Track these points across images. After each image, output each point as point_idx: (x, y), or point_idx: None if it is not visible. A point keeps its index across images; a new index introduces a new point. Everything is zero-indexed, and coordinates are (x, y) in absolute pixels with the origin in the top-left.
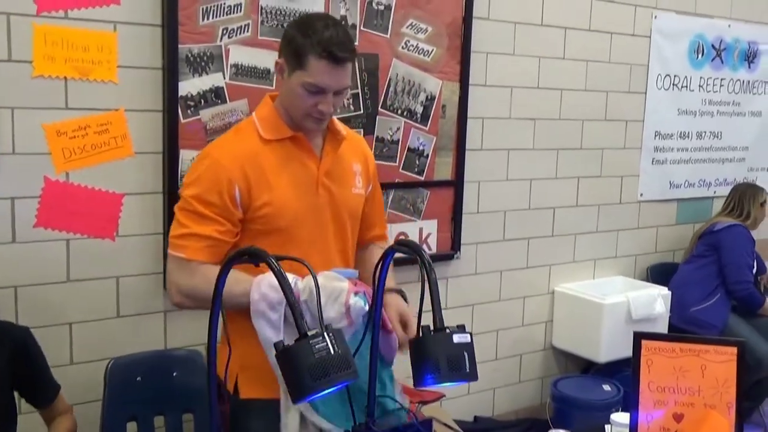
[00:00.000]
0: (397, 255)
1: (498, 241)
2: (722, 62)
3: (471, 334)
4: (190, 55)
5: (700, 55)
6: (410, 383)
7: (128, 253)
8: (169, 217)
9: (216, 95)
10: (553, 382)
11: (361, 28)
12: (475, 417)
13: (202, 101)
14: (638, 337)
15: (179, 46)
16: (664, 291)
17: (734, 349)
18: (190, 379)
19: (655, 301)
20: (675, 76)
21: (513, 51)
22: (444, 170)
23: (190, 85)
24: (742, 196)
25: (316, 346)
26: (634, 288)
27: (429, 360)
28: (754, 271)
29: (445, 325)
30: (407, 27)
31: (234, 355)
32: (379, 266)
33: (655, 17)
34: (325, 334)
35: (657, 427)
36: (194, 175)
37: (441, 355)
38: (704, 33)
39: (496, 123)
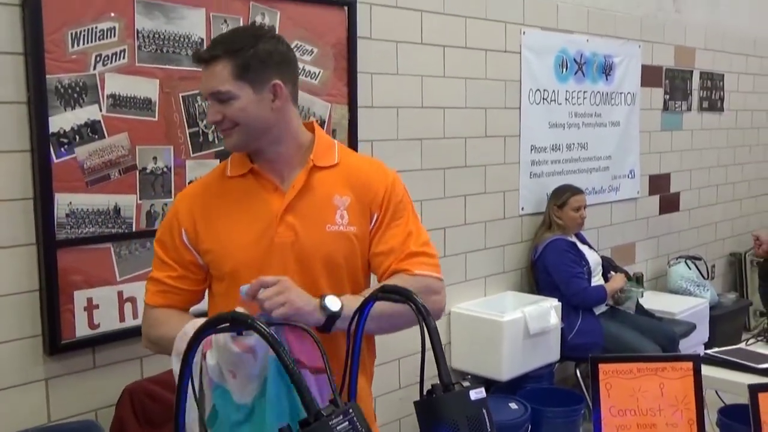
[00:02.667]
0: None
1: None
2: (584, 75)
3: (484, 387)
4: (59, 86)
5: (564, 69)
6: None
7: None
8: (46, 272)
9: (92, 130)
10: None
11: None
12: None
13: (77, 137)
14: (595, 362)
15: (47, 76)
16: (554, 302)
17: (690, 364)
18: None
19: (548, 314)
20: (544, 90)
21: (396, 71)
22: None
23: (61, 120)
24: (547, 203)
25: (338, 428)
26: (526, 302)
27: (446, 424)
28: (591, 268)
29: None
30: (293, 49)
31: None
32: (356, 318)
33: (524, 33)
34: (344, 411)
35: None
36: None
37: (459, 417)
38: (567, 48)
39: (385, 145)
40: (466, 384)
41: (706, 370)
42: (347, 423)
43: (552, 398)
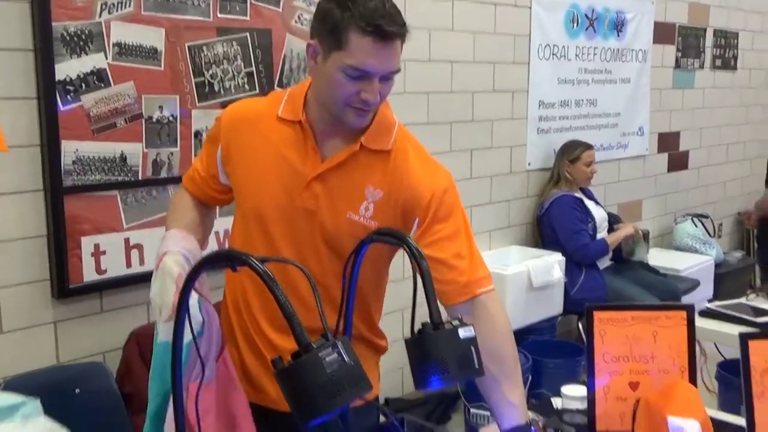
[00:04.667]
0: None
1: None
2: (594, 31)
3: (473, 326)
4: (65, 34)
5: (575, 25)
6: None
7: (7, 261)
8: (53, 218)
9: (98, 78)
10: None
11: (252, 1)
12: (386, 399)
13: (83, 85)
14: (590, 310)
15: (53, 23)
16: (559, 257)
17: (683, 313)
18: (95, 394)
19: (552, 268)
20: (554, 45)
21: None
22: None
23: (68, 68)
24: (556, 159)
25: (327, 359)
26: (530, 256)
27: (435, 360)
28: (597, 224)
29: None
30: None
31: None
32: (351, 259)
33: None
34: (333, 344)
35: (613, 397)
36: None
37: (448, 354)
38: (578, 3)
39: (391, 99)
40: (455, 323)
41: (707, 324)
42: (336, 354)
43: (554, 350)
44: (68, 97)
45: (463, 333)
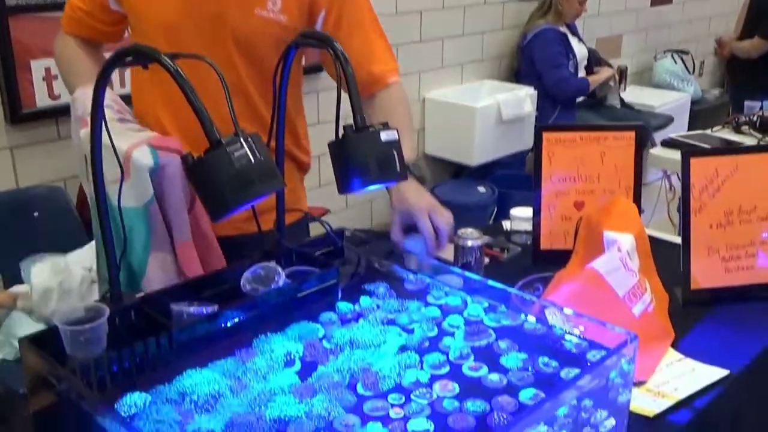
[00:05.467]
0: None
1: None
2: None
3: (397, 131)
4: None
5: None
6: None
7: None
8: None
9: None
10: (429, 190)
11: None
12: (355, 230)
13: None
14: (539, 130)
15: None
16: (531, 91)
17: (632, 134)
18: (54, 218)
19: (523, 102)
20: None
21: None
22: None
23: None
24: None
25: (235, 154)
26: (502, 90)
27: (356, 162)
28: (578, 62)
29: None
30: None
31: None
32: (279, 68)
33: None
34: (243, 139)
35: (558, 217)
36: None
37: (369, 156)
38: None
39: None
40: (378, 126)
41: (669, 153)
42: (245, 150)
43: (521, 183)
44: None
45: (385, 136)
